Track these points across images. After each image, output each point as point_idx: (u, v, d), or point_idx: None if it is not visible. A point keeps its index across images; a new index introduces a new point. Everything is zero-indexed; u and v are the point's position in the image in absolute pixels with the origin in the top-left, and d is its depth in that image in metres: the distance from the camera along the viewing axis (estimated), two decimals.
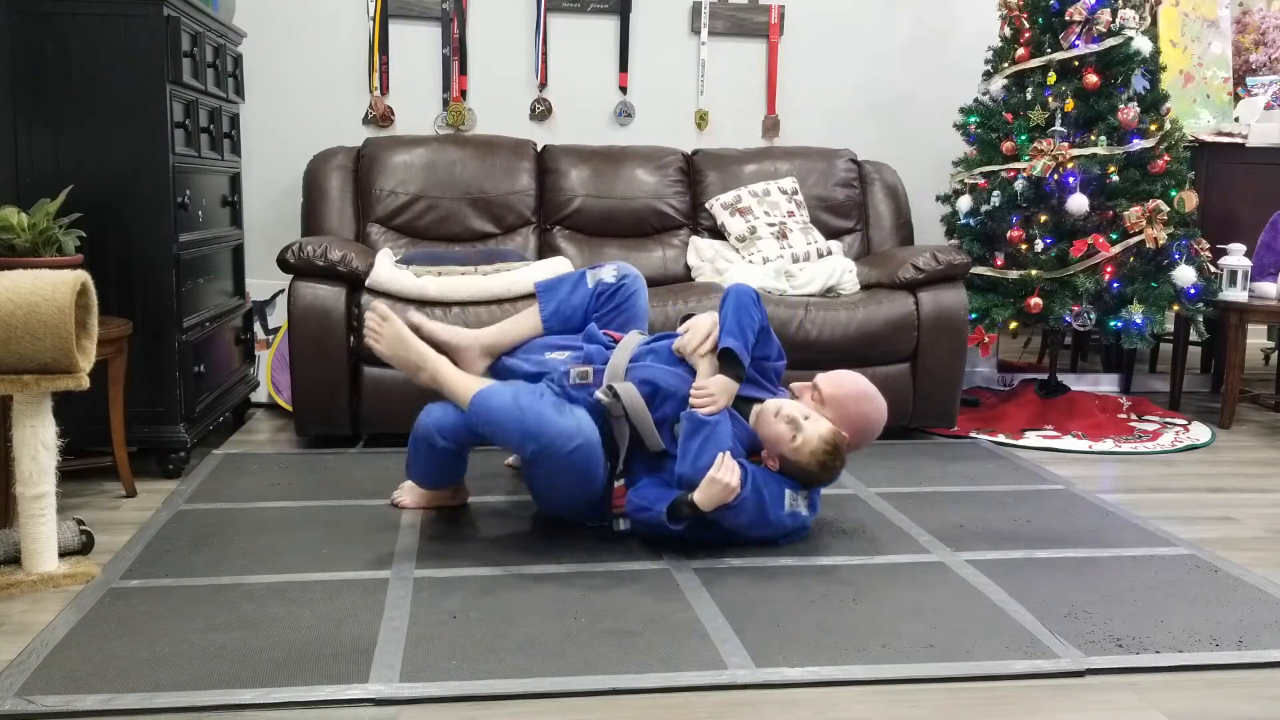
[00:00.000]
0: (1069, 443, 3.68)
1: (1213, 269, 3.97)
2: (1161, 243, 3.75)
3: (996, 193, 3.87)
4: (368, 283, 3.35)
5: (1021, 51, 3.94)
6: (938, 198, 4.22)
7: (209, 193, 3.39)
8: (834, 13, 4.43)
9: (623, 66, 4.32)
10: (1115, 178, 3.80)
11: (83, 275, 2.29)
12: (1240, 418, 4.13)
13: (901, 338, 3.56)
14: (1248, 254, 4.07)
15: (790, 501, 2.50)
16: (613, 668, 1.91)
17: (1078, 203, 3.73)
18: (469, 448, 2.64)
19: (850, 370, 2.66)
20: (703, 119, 4.39)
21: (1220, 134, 4.45)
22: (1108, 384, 4.61)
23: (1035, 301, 3.77)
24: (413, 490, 2.81)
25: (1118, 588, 2.34)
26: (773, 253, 3.79)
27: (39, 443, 2.26)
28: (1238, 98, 4.70)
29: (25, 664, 1.89)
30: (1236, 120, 4.55)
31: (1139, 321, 3.76)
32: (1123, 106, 3.80)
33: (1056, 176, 3.76)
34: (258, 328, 4.08)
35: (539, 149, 4.09)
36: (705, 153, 4.18)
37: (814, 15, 4.42)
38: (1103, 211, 3.82)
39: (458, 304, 3.36)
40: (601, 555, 2.47)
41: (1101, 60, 3.84)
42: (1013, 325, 3.87)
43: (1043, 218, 3.81)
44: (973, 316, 3.83)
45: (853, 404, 2.55)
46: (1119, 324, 3.79)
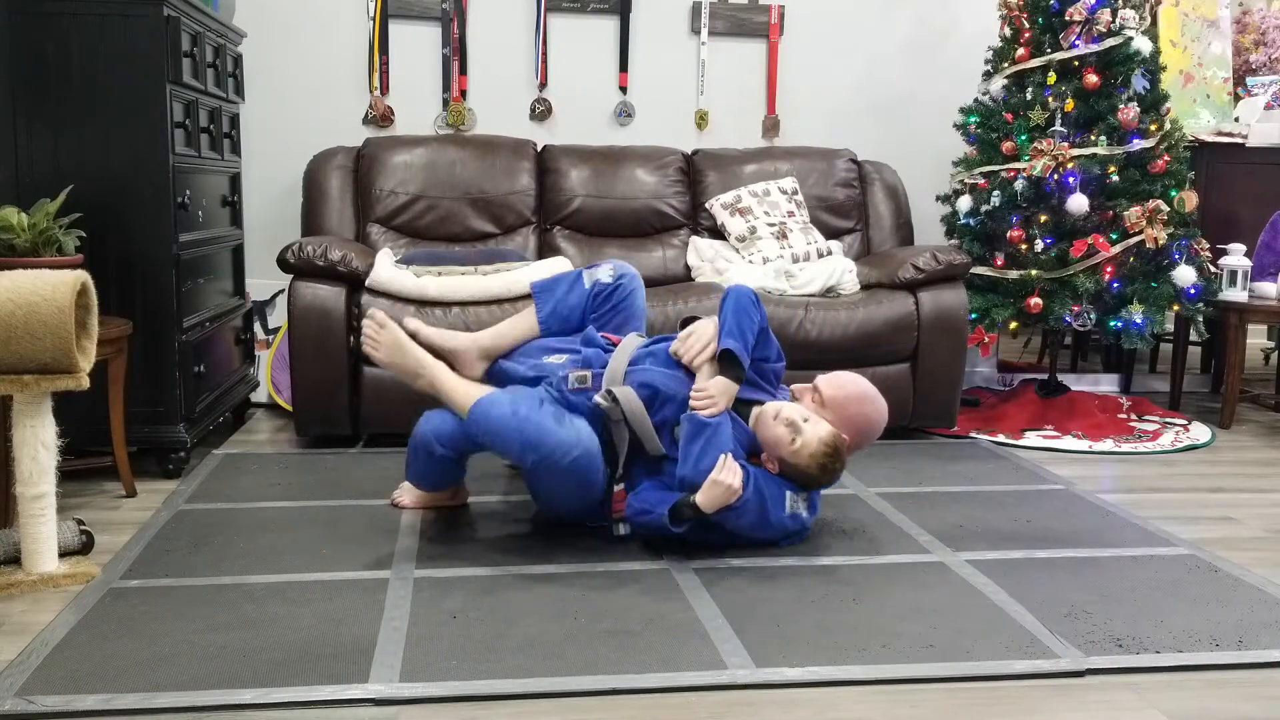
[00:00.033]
0: (1069, 443, 3.68)
1: (1213, 269, 3.97)
2: (1161, 243, 3.75)
3: (996, 193, 3.87)
4: (368, 283, 3.35)
5: (1021, 51, 3.94)
6: (938, 198, 4.22)
7: (209, 193, 3.39)
8: (834, 13, 4.43)
9: (623, 66, 4.32)
10: (1115, 178, 3.80)
11: (83, 275, 2.29)
12: (1240, 418, 4.13)
13: (901, 338, 3.56)
14: (1248, 254, 4.07)
15: (791, 503, 2.49)
16: (613, 668, 1.91)
17: (1078, 203, 3.73)
18: (468, 455, 2.63)
19: (851, 371, 2.66)
20: (703, 119, 4.39)
21: (1220, 134, 4.45)
22: (1108, 384, 4.61)
23: (1035, 301, 3.77)
24: (412, 490, 2.81)
25: (1118, 588, 2.34)
26: (773, 253, 3.79)
27: (39, 443, 2.26)
28: (1238, 98, 4.70)
29: (25, 664, 1.89)
30: (1236, 120, 4.55)
31: (1139, 321, 3.76)
32: (1123, 106, 3.80)
33: (1056, 176, 3.76)
34: (258, 328, 4.08)
35: (539, 149, 4.09)
36: (705, 153, 4.18)
37: (814, 15, 4.42)
38: (1103, 211, 3.82)
39: (458, 304, 3.36)
40: (601, 555, 2.47)
41: (1101, 60, 3.84)
42: (1013, 325, 3.87)
43: (1043, 218, 3.81)
44: (973, 316, 3.83)
45: (853, 405, 2.54)
46: (1119, 324, 3.79)
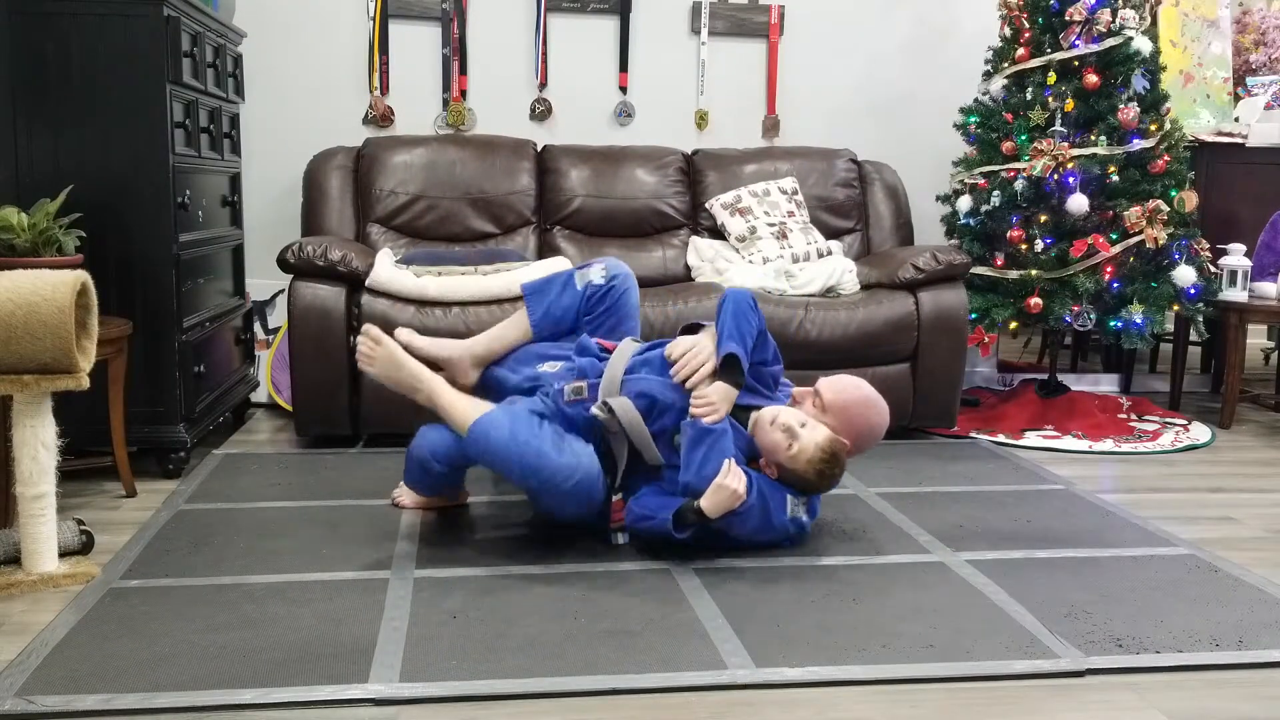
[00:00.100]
0: (1069, 443, 3.68)
1: (1213, 269, 3.97)
2: (1161, 243, 3.75)
3: (996, 193, 3.87)
4: (368, 283, 3.35)
5: (1021, 51, 3.94)
6: (938, 198, 4.22)
7: (209, 193, 3.39)
8: (834, 13, 4.43)
9: (623, 66, 4.32)
10: (1115, 178, 3.80)
11: (83, 275, 2.29)
12: (1240, 418, 4.13)
13: (901, 338, 3.56)
14: (1248, 254, 4.07)
15: (792, 507, 2.48)
16: (613, 668, 1.91)
17: (1078, 203, 3.73)
18: (465, 470, 2.62)
19: (851, 374, 2.64)
20: (703, 119, 4.39)
21: (1220, 134, 4.45)
22: (1108, 384, 4.61)
23: (1035, 301, 3.77)
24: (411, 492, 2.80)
25: (1118, 588, 2.34)
26: (773, 253, 3.78)
27: (39, 443, 2.26)
28: (1238, 98, 4.70)
29: (25, 664, 1.89)
30: (1236, 120, 4.55)
31: (1139, 321, 3.76)
32: (1123, 106, 3.80)
33: (1056, 176, 3.76)
34: (258, 328, 4.08)
35: (539, 149, 4.09)
36: (705, 153, 4.18)
37: (814, 15, 4.42)
38: (1103, 211, 3.82)
39: (458, 304, 3.36)
40: (601, 555, 2.47)
41: (1101, 60, 3.84)
42: (1013, 325, 3.87)
43: (1043, 218, 3.81)
44: (973, 316, 3.83)
45: (854, 410, 2.51)
46: (1119, 324, 3.79)
